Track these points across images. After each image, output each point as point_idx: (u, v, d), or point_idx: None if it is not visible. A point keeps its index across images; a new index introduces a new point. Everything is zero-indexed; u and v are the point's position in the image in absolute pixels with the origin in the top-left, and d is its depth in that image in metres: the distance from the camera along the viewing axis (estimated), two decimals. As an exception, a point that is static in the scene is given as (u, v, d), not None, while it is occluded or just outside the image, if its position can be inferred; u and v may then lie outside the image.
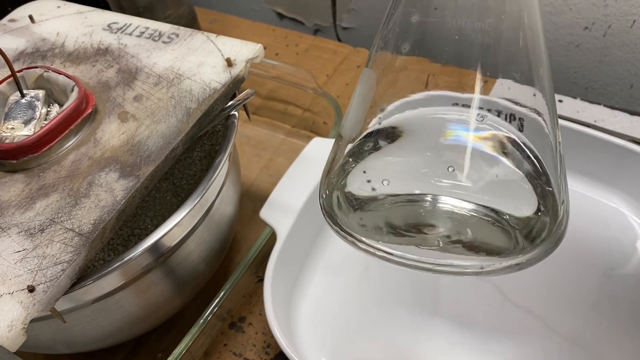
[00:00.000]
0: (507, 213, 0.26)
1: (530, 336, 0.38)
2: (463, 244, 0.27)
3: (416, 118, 0.29)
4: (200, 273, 0.39)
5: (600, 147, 0.43)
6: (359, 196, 0.29)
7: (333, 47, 0.64)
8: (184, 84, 0.37)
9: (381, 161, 0.29)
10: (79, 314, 0.33)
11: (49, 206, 0.31)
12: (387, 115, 0.29)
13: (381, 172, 0.28)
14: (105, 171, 0.33)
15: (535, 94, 0.28)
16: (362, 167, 0.29)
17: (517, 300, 0.40)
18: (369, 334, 0.40)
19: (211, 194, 0.37)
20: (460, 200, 0.26)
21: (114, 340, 0.38)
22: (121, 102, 0.37)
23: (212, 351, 0.41)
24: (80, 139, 0.35)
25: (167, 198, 0.42)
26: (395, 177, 0.28)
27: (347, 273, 0.43)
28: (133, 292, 0.34)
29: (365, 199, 0.28)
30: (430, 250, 0.27)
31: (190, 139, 0.35)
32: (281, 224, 0.41)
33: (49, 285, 0.28)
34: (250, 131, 0.57)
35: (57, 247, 0.29)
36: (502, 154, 0.27)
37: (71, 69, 0.39)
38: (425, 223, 0.27)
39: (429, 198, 0.27)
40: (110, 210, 0.31)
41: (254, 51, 0.38)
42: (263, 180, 0.52)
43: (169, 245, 0.34)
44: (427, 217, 0.27)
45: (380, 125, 0.29)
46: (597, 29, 0.59)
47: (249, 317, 0.43)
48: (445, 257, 0.26)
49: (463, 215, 0.27)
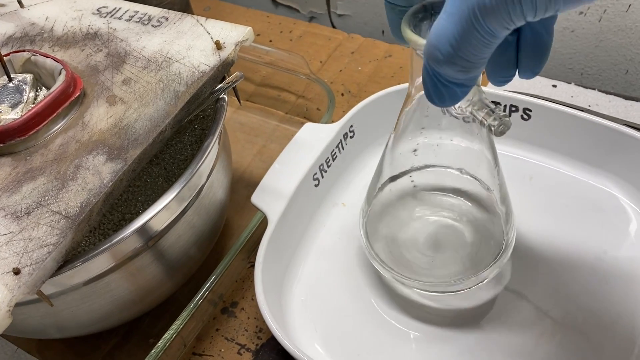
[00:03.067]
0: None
1: (522, 319, 0.38)
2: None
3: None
4: (191, 257, 0.39)
5: (593, 131, 0.43)
6: None
7: (327, 34, 0.64)
8: (172, 67, 0.37)
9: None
10: (68, 297, 0.33)
11: (35, 189, 0.31)
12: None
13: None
14: (93, 154, 0.33)
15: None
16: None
17: (509, 284, 0.40)
18: (361, 319, 0.39)
19: (200, 177, 0.36)
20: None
21: (106, 324, 0.38)
22: (110, 86, 0.36)
23: (204, 336, 0.41)
24: (68, 122, 0.35)
25: (159, 183, 0.42)
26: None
27: (339, 258, 0.43)
28: (122, 275, 0.34)
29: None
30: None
31: (178, 122, 0.35)
32: (272, 208, 0.41)
33: (34, 268, 0.28)
34: (243, 118, 0.56)
35: (44, 229, 0.29)
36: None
37: (60, 53, 0.39)
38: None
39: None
40: (97, 193, 0.31)
41: (244, 34, 0.38)
42: (256, 166, 0.52)
43: (158, 228, 0.34)
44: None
45: None
46: (592, 14, 0.59)
47: (241, 302, 0.43)
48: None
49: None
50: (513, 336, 0.37)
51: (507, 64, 0.27)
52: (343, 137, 0.46)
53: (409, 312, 0.39)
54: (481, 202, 0.40)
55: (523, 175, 0.46)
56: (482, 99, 0.30)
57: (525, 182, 0.45)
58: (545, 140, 0.46)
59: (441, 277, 0.38)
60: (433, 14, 0.31)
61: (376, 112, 0.47)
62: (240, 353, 0.40)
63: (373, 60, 0.60)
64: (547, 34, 0.25)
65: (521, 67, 0.27)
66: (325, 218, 0.45)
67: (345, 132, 0.46)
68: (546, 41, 0.26)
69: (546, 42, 0.26)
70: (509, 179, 0.45)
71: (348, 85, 0.58)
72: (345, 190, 0.47)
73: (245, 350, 0.41)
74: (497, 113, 0.29)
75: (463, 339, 0.38)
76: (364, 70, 0.59)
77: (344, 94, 0.57)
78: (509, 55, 0.26)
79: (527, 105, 0.45)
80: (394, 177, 0.40)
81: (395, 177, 0.40)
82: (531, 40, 0.26)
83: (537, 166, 0.46)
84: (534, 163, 0.46)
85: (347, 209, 0.46)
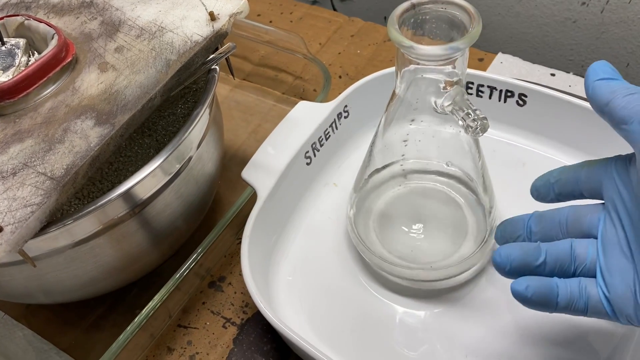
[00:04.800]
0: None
1: (507, 300, 0.38)
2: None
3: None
4: (178, 228, 0.39)
5: (589, 119, 0.43)
6: None
7: (328, 16, 0.64)
8: (165, 36, 0.37)
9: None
10: (52, 260, 0.33)
11: (22, 151, 0.31)
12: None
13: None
14: (82, 118, 0.32)
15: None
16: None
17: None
18: (348, 295, 0.39)
19: (188, 147, 0.36)
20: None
21: (91, 290, 0.38)
22: (102, 53, 0.36)
23: (190, 308, 0.41)
24: (59, 87, 0.35)
25: (150, 154, 0.42)
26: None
27: (328, 237, 0.43)
28: (107, 240, 0.34)
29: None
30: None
31: (169, 90, 0.35)
32: (262, 184, 0.41)
33: (17, 226, 0.28)
34: (239, 96, 0.56)
35: (28, 190, 0.29)
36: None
37: (54, 20, 0.39)
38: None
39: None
40: (83, 156, 0.31)
41: (238, 6, 0.38)
42: (250, 145, 0.52)
43: (144, 195, 0.34)
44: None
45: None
46: (594, 5, 0.58)
47: (229, 277, 0.43)
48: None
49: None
50: (494, 312, 0.37)
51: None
52: (337, 117, 0.46)
53: (396, 288, 0.39)
54: (466, 187, 0.41)
55: (516, 161, 0.45)
56: (463, 100, 0.30)
57: (519, 168, 0.45)
58: (540, 126, 0.46)
59: (426, 256, 0.38)
60: (422, 17, 0.31)
61: (372, 94, 0.47)
62: (225, 327, 0.41)
63: (372, 44, 0.60)
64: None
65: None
66: (316, 197, 0.45)
67: (339, 112, 0.46)
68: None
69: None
70: (501, 164, 0.45)
71: (346, 67, 0.58)
72: (337, 171, 0.47)
73: (230, 324, 0.41)
74: (477, 114, 0.30)
75: (450, 313, 0.38)
76: (362, 53, 0.59)
77: (341, 76, 0.57)
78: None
79: (522, 90, 0.45)
80: (382, 167, 0.40)
81: (383, 167, 0.41)
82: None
83: (531, 153, 0.46)
84: (528, 149, 0.46)
85: (338, 189, 0.46)
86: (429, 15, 0.32)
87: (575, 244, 0.30)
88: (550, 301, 0.30)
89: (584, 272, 0.30)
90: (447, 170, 0.41)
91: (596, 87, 0.28)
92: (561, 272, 0.30)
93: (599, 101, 0.28)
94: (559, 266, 0.30)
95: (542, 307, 0.30)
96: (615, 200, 0.29)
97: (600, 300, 0.29)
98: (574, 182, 0.32)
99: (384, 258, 0.38)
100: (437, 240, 0.40)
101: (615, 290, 0.28)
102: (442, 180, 0.42)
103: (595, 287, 0.29)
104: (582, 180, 0.31)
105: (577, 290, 0.29)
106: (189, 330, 0.41)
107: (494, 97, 0.46)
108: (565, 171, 0.33)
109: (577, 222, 0.31)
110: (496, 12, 0.64)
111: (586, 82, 0.29)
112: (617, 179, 0.29)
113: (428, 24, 0.32)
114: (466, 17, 0.31)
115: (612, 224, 0.29)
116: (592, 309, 0.29)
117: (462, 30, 0.31)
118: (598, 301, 0.29)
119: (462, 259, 0.38)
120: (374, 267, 0.40)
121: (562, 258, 0.30)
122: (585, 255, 0.30)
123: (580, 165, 0.32)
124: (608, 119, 0.28)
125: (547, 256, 0.30)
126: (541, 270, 0.31)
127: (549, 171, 0.34)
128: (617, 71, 0.29)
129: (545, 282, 0.30)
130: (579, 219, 0.31)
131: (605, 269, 0.29)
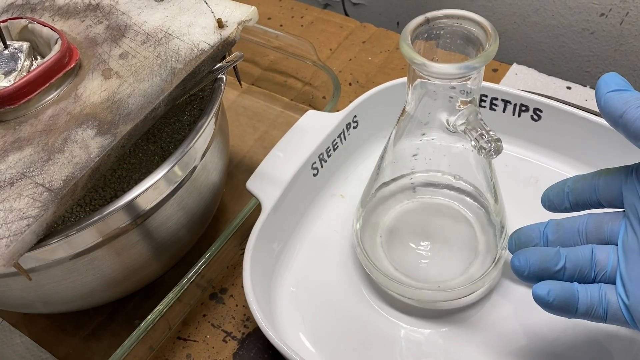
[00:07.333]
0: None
1: (516, 320, 0.37)
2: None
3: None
4: (180, 239, 0.38)
5: (604, 136, 0.41)
6: None
7: (339, 21, 0.62)
8: (172, 43, 0.36)
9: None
10: (50, 272, 0.32)
11: (21, 160, 0.30)
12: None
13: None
14: (83, 127, 0.32)
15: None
16: None
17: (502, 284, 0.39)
18: (351, 312, 0.38)
19: (192, 157, 0.35)
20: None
21: (90, 301, 0.37)
22: (106, 59, 0.35)
23: (191, 320, 0.41)
24: (61, 93, 0.34)
25: (154, 161, 0.41)
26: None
27: (333, 251, 0.42)
28: (107, 252, 0.33)
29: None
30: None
31: (173, 99, 0.34)
32: (267, 195, 0.40)
33: (12, 240, 0.27)
34: (247, 102, 0.55)
35: (25, 201, 0.28)
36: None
37: (59, 23, 0.38)
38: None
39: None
40: (83, 167, 0.30)
41: (247, 13, 0.37)
42: (256, 152, 0.51)
43: (147, 206, 0.33)
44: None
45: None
46: (614, 16, 0.57)
47: (231, 289, 0.42)
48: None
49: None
50: (503, 334, 0.36)
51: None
52: (346, 127, 0.45)
53: (401, 306, 0.38)
54: (477, 203, 0.40)
55: (529, 176, 0.44)
56: (477, 120, 0.29)
57: (531, 184, 0.44)
58: (555, 142, 0.44)
59: (434, 275, 0.37)
60: (436, 32, 0.30)
61: (382, 104, 0.45)
62: (226, 341, 0.40)
63: (384, 51, 0.59)
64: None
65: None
66: (322, 209, 0.44)
67: (348, 122, 0.45)
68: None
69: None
70: (514, 180, 0.44)
71: (357, 75, 0.57)
72: (345, 182, 0.46)
73: (231, 338, 0.40)
74: (491, 135, 0.28)
75: (457, 333, 0.37)
76: (374, 60, 0.58)
77: (351, 84, 0.56)
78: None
79: (538, 105, 0.43)
80: (391, 180, 0.39)
81: (392, 181, 0.40)
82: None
83: (544, 169, 0.44)
84: (542, 165, 0.45)
85: (345, 201, 0.45)
86: (444, 30, 0.30)
87: (596, 250, 0.30)
88: (571, 306, 0.29)
89: (604, 279, 0.30)
90: (457, 184, 0.40)
91: (608, 99, 0.28)
92: (581, 278, 0.30)
93: (613, 113, 0.28)
94: (579, 272, 0.30)
95: (562, 312, 0.30)
96: (638, 208, 0.29)
97: (620, 308, 0.29)
98: (590, 191, 0.31)
99: (389, 276, 0.37)
100: (446, 259, 0.39)
101: (636, 297, 0.28)
102: (452, 194, 0.41)
103: (614, 294, 0.29)
104: (599, 188, 0.31)
105: (597, 296, 0.29)
106: (188, 343, 0.40)
107: (507, 110, 0.44)
108: (580, 180, 0.32)
109: (598, 230, 0.31)
110: (512, 21, 0.62)
111: (597, 95, 0.29)
112: (638, 187, 0.29)
113: (442, 39, 0.31)
114: (482, 34, 0.29)
115: (634, 231, 0.29)
116: (612, 316, 0.29)
117: (477, 47, 0.30)
118: (617, 308, 0.29)
119: (472, 281, 0.36)
120: (379, 285, 0.39)
121: (582, 264, 0.30)
122: (607, 261, 0.30)
123: (597, 174, 0.31)
124: (622, 131, 0.28)
125: (566, 261, 0.30)
126: (560, 275, 0.30)
127: (562, 180, 0.33)
128: (628, 82, 0.29)
129: (567, 287, 0.30)
130: (600, 226, 0.31)
131: (625, 276, 0.28)
